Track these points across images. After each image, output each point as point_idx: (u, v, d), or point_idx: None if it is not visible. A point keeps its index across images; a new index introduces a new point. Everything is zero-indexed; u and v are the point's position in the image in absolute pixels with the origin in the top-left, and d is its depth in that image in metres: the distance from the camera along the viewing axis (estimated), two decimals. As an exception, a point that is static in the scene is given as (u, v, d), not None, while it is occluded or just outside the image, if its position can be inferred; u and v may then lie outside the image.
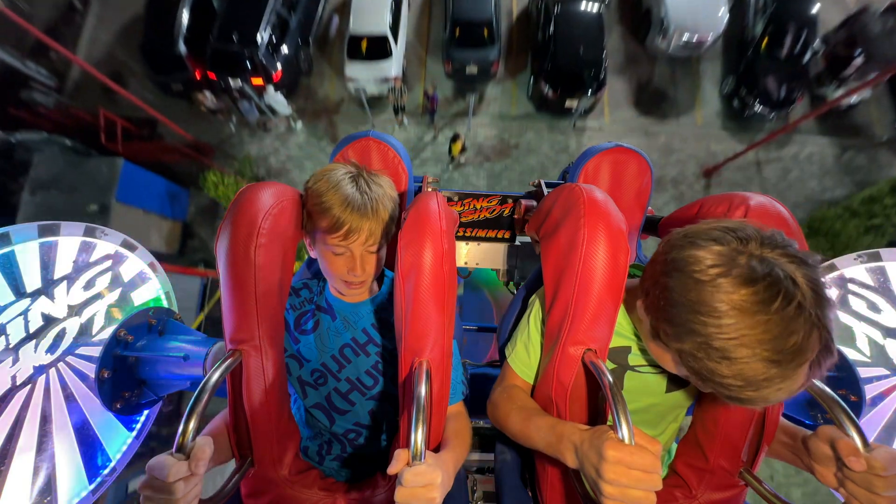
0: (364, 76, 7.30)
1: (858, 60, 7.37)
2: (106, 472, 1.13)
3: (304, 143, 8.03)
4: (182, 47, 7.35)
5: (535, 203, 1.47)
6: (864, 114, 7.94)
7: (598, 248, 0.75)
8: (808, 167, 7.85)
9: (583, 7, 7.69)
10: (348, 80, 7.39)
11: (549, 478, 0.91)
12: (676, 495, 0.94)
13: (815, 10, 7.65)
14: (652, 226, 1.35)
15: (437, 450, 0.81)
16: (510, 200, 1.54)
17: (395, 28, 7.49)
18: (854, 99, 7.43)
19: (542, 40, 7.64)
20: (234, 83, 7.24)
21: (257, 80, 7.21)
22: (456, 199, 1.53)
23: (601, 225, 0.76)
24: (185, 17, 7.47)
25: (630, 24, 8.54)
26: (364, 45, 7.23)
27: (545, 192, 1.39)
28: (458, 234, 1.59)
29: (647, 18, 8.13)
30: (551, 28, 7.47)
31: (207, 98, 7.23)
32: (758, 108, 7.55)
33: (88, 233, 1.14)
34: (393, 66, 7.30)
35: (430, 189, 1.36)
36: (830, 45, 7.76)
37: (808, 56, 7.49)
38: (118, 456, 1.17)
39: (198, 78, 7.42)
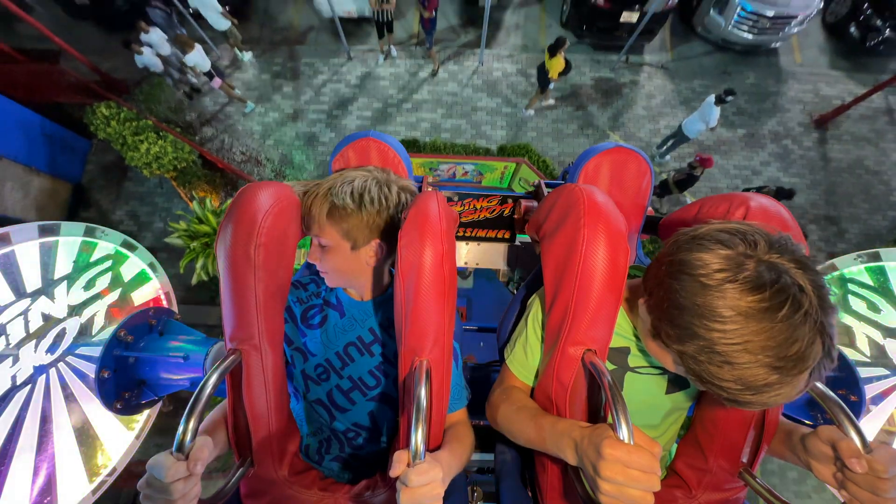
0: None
1: None
2: (106, 471, 1.13)
3: (252, 79, 6.32)
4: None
5: (535, 203, 1.47)
6: None
7: (597, 249, 0.75)
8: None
9: None
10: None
11: (549, 478, 0.91)
12: (676, 495, 0.94)
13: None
14: (652, 226, 1.35)
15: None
16: (510, 200, 1.54)
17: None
18: None
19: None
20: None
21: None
22: (456, 198, 1.53)
23: (601, 225, 0.76)
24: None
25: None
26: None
27: (545, 193, 1.40)
28: (458, 234, 1.59)
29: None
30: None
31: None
32: (888, 33, 5.63)
33: (89, 233, 1.15)
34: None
35: (429, 189, 1.36)
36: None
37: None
38: (118, 456, 1.17)
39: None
